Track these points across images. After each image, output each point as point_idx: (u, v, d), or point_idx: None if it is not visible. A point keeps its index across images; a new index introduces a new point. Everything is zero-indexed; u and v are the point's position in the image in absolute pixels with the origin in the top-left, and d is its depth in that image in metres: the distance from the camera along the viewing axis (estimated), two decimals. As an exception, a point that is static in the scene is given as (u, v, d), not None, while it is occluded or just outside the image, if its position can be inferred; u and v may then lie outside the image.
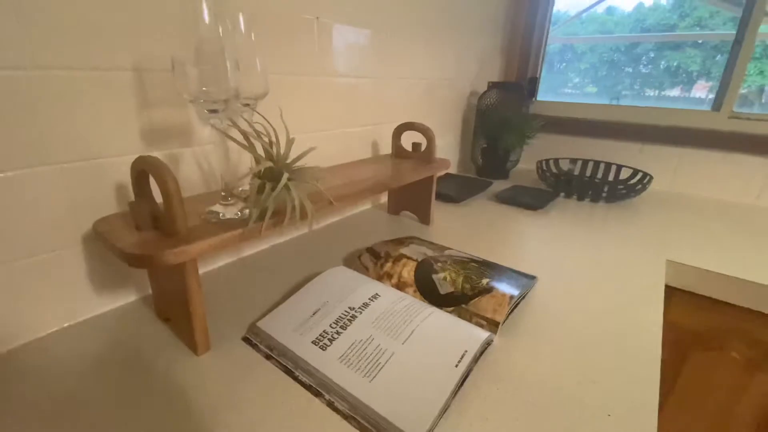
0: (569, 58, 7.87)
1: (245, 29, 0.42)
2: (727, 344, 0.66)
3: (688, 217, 0.87)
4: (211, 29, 0.36)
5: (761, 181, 0.98)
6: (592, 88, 7.51)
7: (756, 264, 0.65)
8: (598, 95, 7.36)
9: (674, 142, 1.08)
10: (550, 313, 0.49)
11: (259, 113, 0.44)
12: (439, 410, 0.32)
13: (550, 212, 0.87)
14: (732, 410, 0.67)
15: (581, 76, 5.33)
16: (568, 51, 7.71)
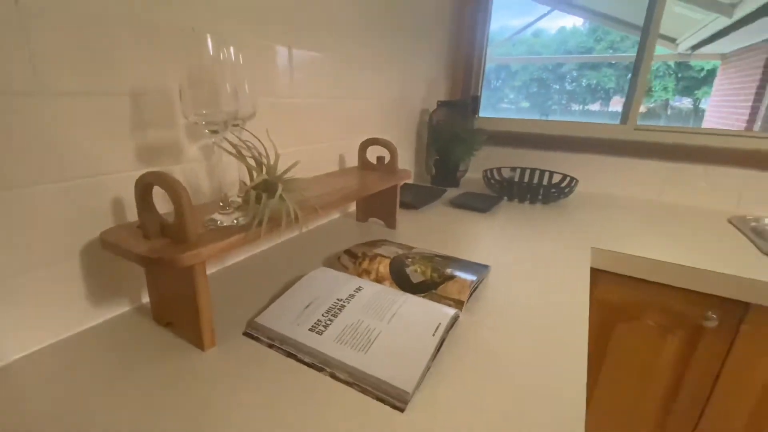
0: (504, 76, 8.74)
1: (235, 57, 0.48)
2: (643, 314, 0.80)
3: (607, 212, 1.04)
4: (214, 58, 0.42)
5: (662, 181, 1.19)
6: (525, 103, 8.35)
7: (662, 246, 0.80)
8: (531, 110, 8.25)
9: (593, 150, 1.27)
10: (502, 294, 0.59)
11: (249, 132, 0.50)
12: (423, 369, 0.40)
13: (497, 214, 0.99)
14: (652, 367, 0.82)
15: (516, 93, 5.97)
16: (502, 70, 8.58)
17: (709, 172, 1.13)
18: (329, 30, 0.78)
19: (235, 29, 0.59)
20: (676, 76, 11.18)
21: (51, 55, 0.39)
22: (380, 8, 0.92)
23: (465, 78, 1.44)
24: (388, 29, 0.97)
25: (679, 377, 0.80)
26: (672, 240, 0.85)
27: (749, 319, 0.71)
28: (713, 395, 0.77)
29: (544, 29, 13.95)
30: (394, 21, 0.99)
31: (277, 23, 0.66)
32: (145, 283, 0.52)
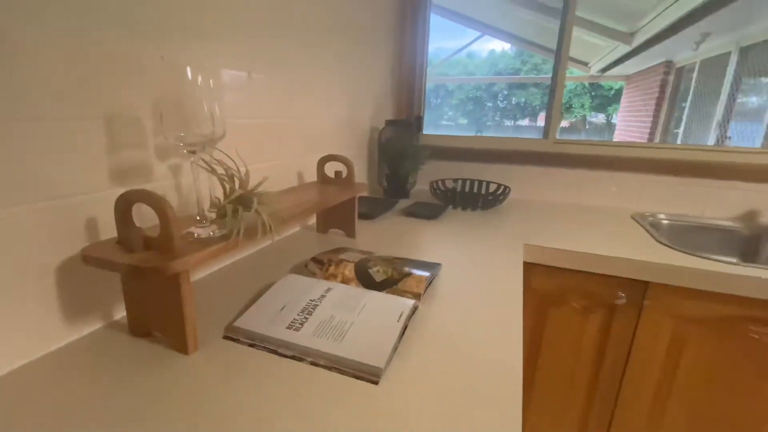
0: (443, 95, 9.35)
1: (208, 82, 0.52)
2: (569, 298, 0.94)
3: (536, 214, 1.19)
4: (192, 84, 0.47)
5: (579, 186, 1.38)
6: (464, 120, 8.96)
7: (581, 240, 0.95)
8: (469, 126, 8.84)
9: (522, 161, 1.44)
10: (452, 286, 0.68)
11: (221, 151, 0.54)
12: (391, 349, 0.47)
13: (444, 220, 1.10)
14: (580, 343, 0.95)
15: (454, 110, 6.44)
16: (441, 89, 9.15)
17: (615, 178, 1.34)
18: (283, 56, 0.84)
19: (195, 55, 0.63)
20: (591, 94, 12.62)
21: (28, 84, 0.41)
22: (328, 35, 1.01)
23: (408, 98, 1.56)
24: (336, 54, 1.06)
25: (601, 348, 0.94)
26: (588, 234, 1.01)
27: (649, 295, 0.86)
28: (629, 359, 0.92)
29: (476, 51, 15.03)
30: (341, 46, 1.08)
31: (234, 50, 0.71)
32: (117, 300, 0.54)
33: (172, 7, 0.57)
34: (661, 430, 0.94)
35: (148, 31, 0.54)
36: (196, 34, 0.62)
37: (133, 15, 0.51)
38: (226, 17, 0.67)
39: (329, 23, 0.99)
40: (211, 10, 0.64)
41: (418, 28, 1.50)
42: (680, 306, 0.85)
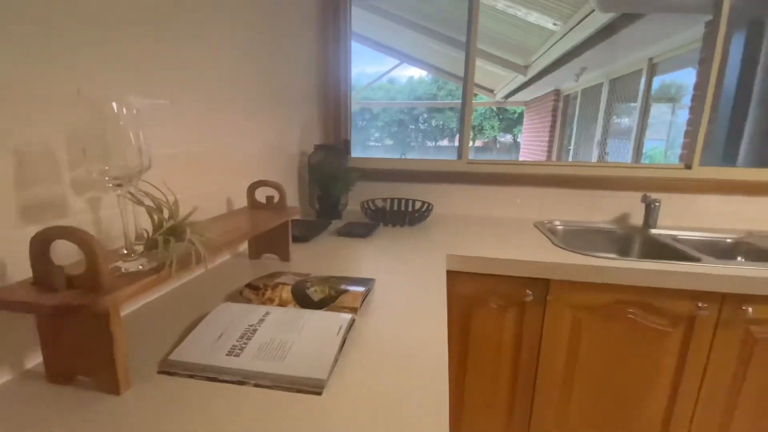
0: (368, 117, 9.68)
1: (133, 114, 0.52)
2: (489, 300, 1.05)
3: (455, 227, 1.32)
4: (115, 115, 0.47)
5: (490, 201, 1.56)
6: (389, 141, 9.33)
7: (495, 247, 1.08)
8: (394, 147, 9.21)
9: (441, 180, 1.57)
10: (386, 298, 0.74)
11: (148, 182, 0.54)
12: (332, 360, 0.50)
13: (375, 238, 1.16)
14: (500, 339, 1.07)
15: (380, 132, 6.75)
16: (366, 112, 9.47)
17: (520, 192, 1.53)
18: (207, 83, 0.85)
19: (113, 86, 0.62)
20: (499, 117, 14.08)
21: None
22: (252, 63, 1.03)
23: (335, 122, 1.63)
24: (261, 81, 1.08)
25: (518, 342, 1.06)
26: (500, 242, 1.15)
27: (551, 291, 1.01)
28: (541, 348, 1.05)
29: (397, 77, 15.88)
30: (266, 73, 1.11)
31: (154, 78, 0.71)
32: (27, 346, 0.50)
33: (81, 36, 0.56)
34: (571, 407, 1.08)
35: (59, 63, 0.52)
36: (111, 63, 0.61)
37: (42, 47, 0.50)
38: (143, 48, 0.67)
39: (253, 53, 1.02)
40: (126, 42, 0.64)
41: (340, 55, 1.58)
42: (575, 298, 1.01)
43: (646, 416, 1.05)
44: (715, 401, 1.02)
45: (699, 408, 1.02)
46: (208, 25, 0.83)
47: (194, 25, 0.79)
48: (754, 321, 0.95)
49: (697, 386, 1.01)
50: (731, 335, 0.97)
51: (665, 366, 1.01)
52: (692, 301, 0.96)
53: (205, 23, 0.82)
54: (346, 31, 1.58)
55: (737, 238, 1.30)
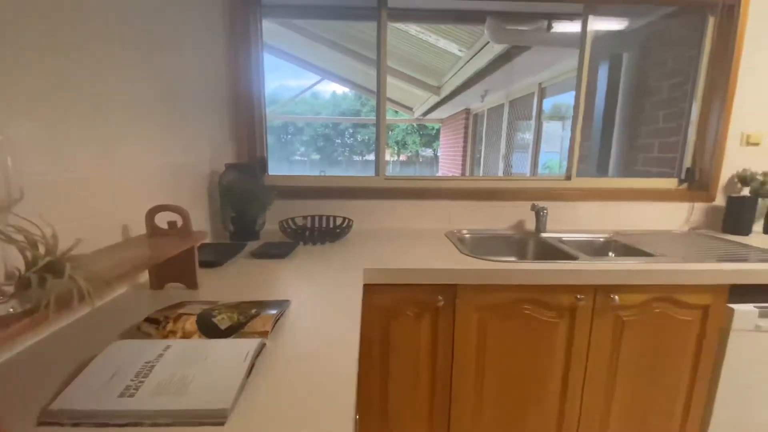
0: (293, 131, 9.52)
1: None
2: (405, 308, 1.11)
3: (375, 241, 1.37)
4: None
5: (407, 214, 1.65)
6: (316, 155, 9.28)
7: (410, 258, 1.14)
8: (321, 161, 9.17)
9: (361, 196, 1.63)
10: (301, 318, 0.74)
11: (18, 215, 0.49)
12: (237, 388, 0.50)
13: (295, 257, 1.16)
14: (418, 345, 1.13)
15: (306, 146, 6.69)
16: (291, 126, 9.31)
17: (434, 205, 1.65)
18: (96, 104, 0.79)
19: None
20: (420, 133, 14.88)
21: None
22: (148, 77, 0.98)
23: (249, 140, 1.58)
24: (158, 96, 1.03)
25: (434, 346, 1.13)
26: (414, 253, 1.22)
27: (459, 295, 1.10)
28: (454, 350, 1.13)
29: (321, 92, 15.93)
30: (165, 88, 1.06)
31: (29, 95, 0.64)
32: None
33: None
34: (484, 401, 1.18)
35: None
36: None
37: None
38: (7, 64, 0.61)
39: (148, 66, 0.97)
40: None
41: (252, 70, 1.54)
42: (480, 300, 1.11)
43: (547, 398, 1.19)
44: (599, 377, 1.19)
45: (587, 384, 1.19)
46: (94, 34, 0.78)
47: (77, 35, 0.73)
48: (621, 307, 1.15)
49: (583, 366, 1.18)
50: (605, 321, 1.15)
51: (557, 352, 1.16)
52: (572, 294, 1.12)
53: (89, 32, 0.77)
54: (257, 45, 1.57)
55: (608, 238, 1.55)
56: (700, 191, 1.66)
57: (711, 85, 1.62)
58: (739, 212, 1.56)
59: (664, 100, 1.97)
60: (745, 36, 1.54)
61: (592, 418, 1.21)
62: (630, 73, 2.24)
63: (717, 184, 1.64)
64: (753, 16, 1.53)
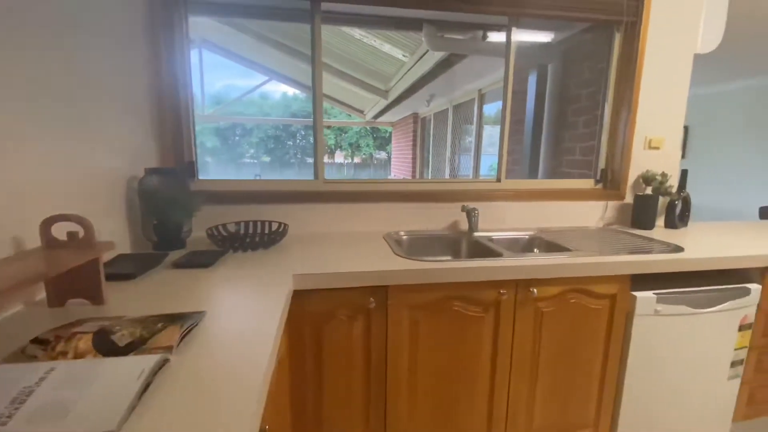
0: (241, 133, 9.15)
1: None
2: (338, 312, 1.11)
3: (312, 246, 1.36)
4: None
5: (348, 218, 1.65)
6: (266, 157, 9.01)
7: (345, 261, 1.15)
8: (272, 163, 8.92)
9: (300, 200, 1.60)
10: (215, 329, 0.72)
11: None
12: (126, 409, 0.47)
13: (221, 266, 1.12)
14: (352, 348, 1.13)
15: (255, 148, 6.51)
16: (238, 127, 8.94)
17: (374, 208, 1.66)
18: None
19: None
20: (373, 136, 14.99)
21: None
22: (52, 68, 0.90)
23: (176, 143, 1.50)
24: (66, 92, 0.95)
25: (367, 348, 1.14)
26: (349, 256, 1.22)
27: (390, 295, 1.13)
28: (387, 350, 1.15)
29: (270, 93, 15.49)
30: (73, 83, 0.98)
31: None
32: None
33: None
34: (418, 398, 1.21)
35: None
36: None
37: None
38: None
39: (52, 60, 0.89)
40: None
41: (177, 68, 1.46)
42: (411, 299, 1.14)
43: (477, 389, 1.25)
44: (523, 365, 1.27)
45: (513, 373, 1.26)
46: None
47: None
48: (539, 299, 1.23)
49: (509, 356, 1.25)
50: (526, 313, 1.23)
51: (484, 345, 1.22)
52: (496, 289, 1.19)
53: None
54: (183, 42, 1.49)
55: (533, 235, 1.66)
56: (612, 191, 1.83)
57: (618, 95, 1.80)
58: (644, 209, 1.74)
59: (582, 108, 2.15)
60: (645, 50, 1.72)
61: (519, 404, 1.29)
62: (554, 82, 2.42)
63: (626, 184, 1.82)
64: (652, 32, 1.72)
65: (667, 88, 1.78)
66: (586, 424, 1.36)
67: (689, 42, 1.76)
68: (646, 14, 1.69)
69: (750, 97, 4.23)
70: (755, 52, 3.25)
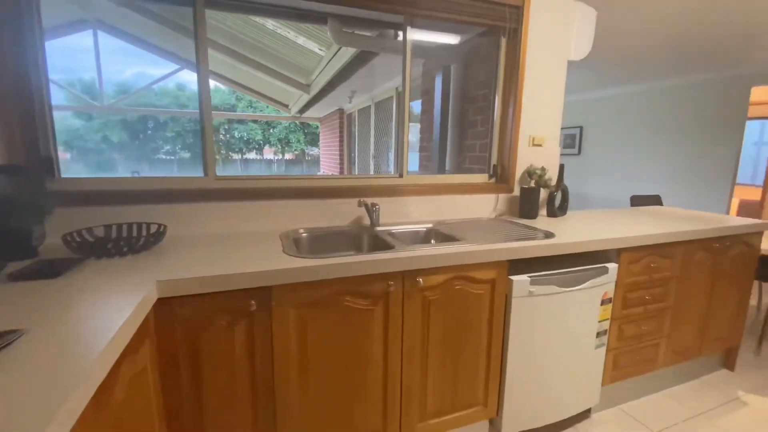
0: (153, 126, 8.34)
1: None
2: (216, 318, 1.05)
3: (194, 249, 1.26)
4: None
5: (243, 217, 1.57)
6: (186, 153, 8.31)
7: (228, 264, 1.08)
8: (193, 159, 8.26)
9: (186, 199, 1.49)
10: (33, 350, 0.63)
11: None
12: None
13: (73, 275, 0.98)
14: (234, 354, 1.08)
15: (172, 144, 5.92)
16: (150, 120, 8.12)
17: (273, 205, 1.60)
18: None
19: None
20: (304, 131, 14.62)
21: None
22: None
23: (25, 137, 1.29)
24: None
25: (252, 352, 1.10)
26: (233, 257, 1.16)
27: (274, 296, 1.09)
28: (274, 353, 1.12)
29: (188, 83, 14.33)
30: None
31: None
32: None
33: None
34: (310, 397, 1.19)
35: None
36: None
37: None
38: None
39: None
40: None
41: (26, 53, 1.26)
42: (297, 298, 1.12)
43: (370, 382, 1.27)
44: (414, 353, 1.31)
45: (405, 362, 1.30)
46: None
47: None
48: (426, 288, 1.29)
49: (399, 346, 1.29)
50: (414, 302, 1.28)
51: (376, 337, 1.25)
52: (385, 281, 1.22)
53: None
54: (33, 23, 1.29)
55: (430, 228, 1.73)
56: (502, 184, 1.99)
57: (505, 96, 1.95)
58: (529, 200, 1.91)
59: (480, 108, 2.29)
60: (526, 55, 1.88)
61: (413, 391, 1.34)
62: (456, 82, 2.55)
63: (514, 178, 1.98)
64: (531, 38, 1.88)
65: (546, 90, 1.96)
66: (476, 402, 1.46)
67: (563, 49, 1.96)
68: (526, 22, 1.84)
69: (627, 101, 4.89)
70: (627, 62, 3.75)
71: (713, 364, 2.11)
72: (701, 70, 4.00)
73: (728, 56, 3.47)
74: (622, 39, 2.92)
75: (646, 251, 1.63)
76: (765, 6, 2.30)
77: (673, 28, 2.74)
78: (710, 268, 1.84)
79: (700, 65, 3.80)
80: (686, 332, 1.86)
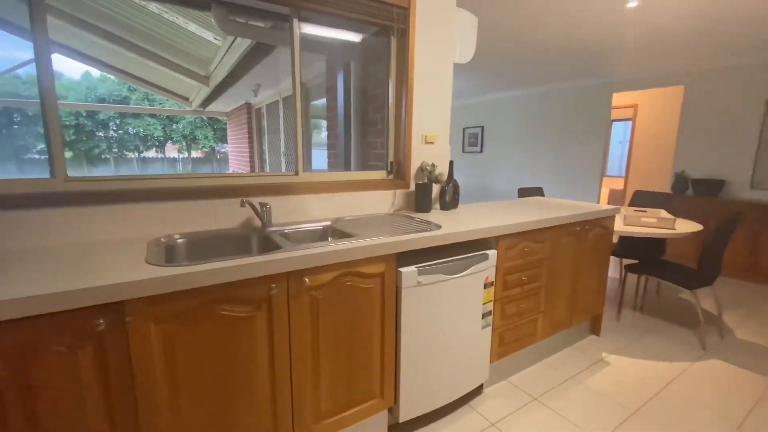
0: (21, 121, 6.89)
1: None
2: (50, 344, 0.89)
3: (24, 264, 1.07)
4: None
5: (100, 223, 1.36)
6: (67, 152, 7.04)
7: (65, 280, 0.92)
8: (76, 159, 7.09)
9: (28, 206, 1.24)
10: None
11: None
12: None
13: None
14: (82, 382, 0.93)
15: (45, 141, 4.77)
16: (16, 113, 6.69)
17: (138, 209, 1.42)
18: None
19: None
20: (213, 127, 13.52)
21: None
22: None
23: None
24: None
25: (105, 377, 0.96)
26: (82, 271, 1.00)
27: (129, 311, 0.96)
28: (135, 375, 0.99)
29: (66, 72, 12.29)
30: None
31: None
32: None
33: None
34: (183, 413, 1.09)
35: None
36: None
37: None
38: None
39: None
40: None
41: None
42: (160, 311, 1.01)
43: (257, 392, 1.20)
44: (304, 355, 1.28)
45: (294, 367, 1.26)
46: None
47: None
48: (313, 288, 1.26)
49: (287, 351, 1.24)
50: (301, 303, 1.24)
51: (260, 344, 1.18)
52: (266, 284, 1.16)
53: None
54: None
55: (327, 225, 1.71)
56: (399, 180, 2.05)
57: (398, 95, 2.00)
58: (423, 195, 1.99)
59: (379, 106, 2.32)
60: (415, 56, 1.95)
61: (304, 395, 1.30)
62: (357, 80, 2.56)
63: (410, 175, 2.06)
64: (419, 40, 1.95)
65: (435, 91, 2.06)
66: (374, 394, 1.48)
67: (449, 52, 2.08)
68: (413, 23, 1.91)
69: (519, 103, 5.43)
70: (511, 69, 4.15)
71: (583, 331, 2.45)
72: (573, 77, 4.60)
73: (594, 67, 4.04)
74: (504, 47, 3.22)
75: (520, 237, 1.81)
76: (620, 26, 2.71)
77: (552, 40, 3.09)
78: (574, 248, 2.12)
79: (572, 73, 4.37)
80: (559, 306, 2.12)
